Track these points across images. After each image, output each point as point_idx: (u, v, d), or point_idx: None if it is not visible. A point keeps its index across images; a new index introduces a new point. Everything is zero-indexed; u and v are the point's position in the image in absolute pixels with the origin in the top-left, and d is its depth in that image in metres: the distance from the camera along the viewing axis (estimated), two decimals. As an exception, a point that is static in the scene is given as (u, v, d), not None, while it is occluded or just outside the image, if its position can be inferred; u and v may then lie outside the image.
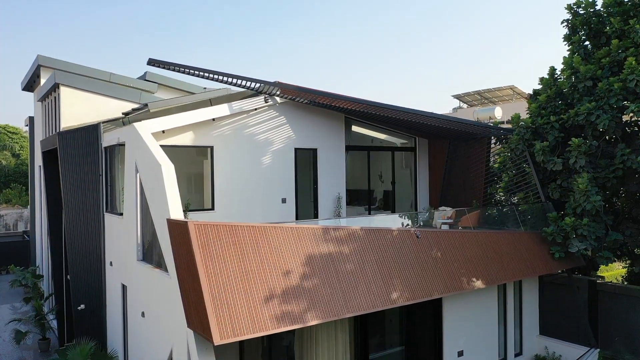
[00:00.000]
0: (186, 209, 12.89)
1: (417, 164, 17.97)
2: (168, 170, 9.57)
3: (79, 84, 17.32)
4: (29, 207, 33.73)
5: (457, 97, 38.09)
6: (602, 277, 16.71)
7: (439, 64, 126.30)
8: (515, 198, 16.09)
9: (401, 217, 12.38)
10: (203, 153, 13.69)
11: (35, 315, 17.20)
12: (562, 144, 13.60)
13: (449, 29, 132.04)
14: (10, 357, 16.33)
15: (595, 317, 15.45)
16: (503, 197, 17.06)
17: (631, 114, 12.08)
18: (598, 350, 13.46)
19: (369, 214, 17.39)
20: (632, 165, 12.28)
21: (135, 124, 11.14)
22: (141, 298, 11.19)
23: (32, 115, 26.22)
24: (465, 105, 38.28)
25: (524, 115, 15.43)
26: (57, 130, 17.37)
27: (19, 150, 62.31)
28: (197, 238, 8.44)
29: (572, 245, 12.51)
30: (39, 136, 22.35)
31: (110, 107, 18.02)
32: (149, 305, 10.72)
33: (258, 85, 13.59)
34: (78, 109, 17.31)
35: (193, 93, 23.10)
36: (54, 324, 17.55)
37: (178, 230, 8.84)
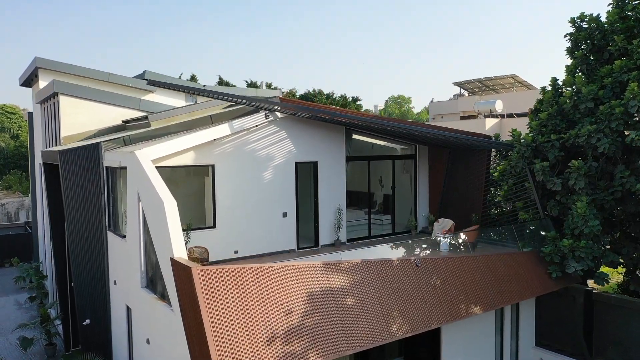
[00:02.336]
0: (188, 229, 13.04)
1: (417, 170, 18.03)
2: (171, 207, 9.64)
3: (78, 92, 17.23)
4: (29, 195, 33.88)
5: (458, 84, 37.86)
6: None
7: (441, 50, 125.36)
8: (515, 205, 16.18)
9: (402, 246, 12.50)
10: (204, 171, 13.74)
11: (40, 321, 17.51)
12: (562, 162, 13.66)
13: (452, 16, 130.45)
14: (18, 359, 16.71)
15: (590, 326, 15.75)
16: (502, 202, 17.14)
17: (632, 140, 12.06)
18: (592, 364, 13.79)
19: (369, 218, 17.53)
20: (630, 188, 12.37)
21: (137, 152, 11.15)
22: (146, 325, 11.41)
23: (31, 106, 26.15)
24: (466, 93, 38.06)
25: (525, 106, 15.35)
26: (58, 140, 17.38)
27: (17, 131, 62.11)
28: (200, 283, 8.60)
29: (570, 266, 12.70)
30: (38, 136, 22.30)
31: (110, 115, 18.01)
32: (154, 334, 10.95)
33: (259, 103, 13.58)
34: (78, 117, 17.29)
35: (192, 91, 22.98)
36: (60, 328, 17.85)
37: (182, 272, 8.98)
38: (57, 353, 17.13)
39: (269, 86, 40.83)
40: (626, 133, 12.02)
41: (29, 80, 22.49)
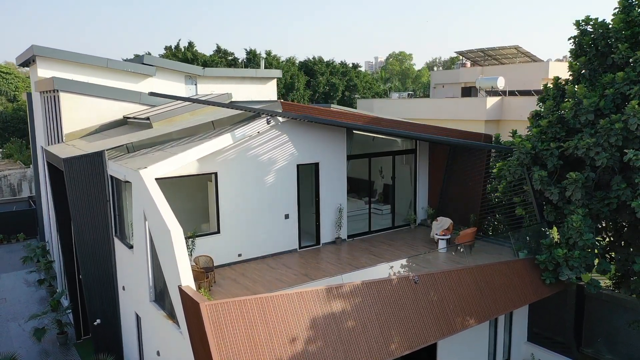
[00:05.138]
0: (192, 236, 13.38)
1: (418, 164, 18.20)
2: (177, 235, 9.92)
3: (78, 89, 17.18)
4: (31, 166, 34.05)
5: (461, 53, 37.31)
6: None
7: (444, 19, 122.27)
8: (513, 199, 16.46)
9: (404, 263, 12.89)
10: (207, 178, 13.93)
11: (51, 309, 18.14)
12: (561, 169, 13.84)
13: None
14: (31, 350, 17.43)
15: (580, 319, 16.40)
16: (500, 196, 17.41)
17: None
18: (580, 363, 14.48)
19: (369, 207, 17.84)
20: (626, 200, 12.61)
21: (141, 172, 11.30)
22: (155, 337, 11.93)
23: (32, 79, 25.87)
24: (468, 63, 37.58)
25: (528, 80, 15.17)
26: (60, 137, 17.45)
27: (15, 92, 61.47)
28: (209, 317, 8.99)
29: (563, 273, 13.11)
30: (39, 118, 22.25)
31: (110, 109, 18.00)
32: (163, 348, 11.47)
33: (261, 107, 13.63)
34: (79, 113, 17.32)
35: (191, 74, 22.82)
36: (70, 316, 18.49)
37: (190, 304, 9.36)
38: (68, 341, 17.87)
39: (268, 54, 40.25)
40: (625, 151, 12.12)
41: (27, 64, 22.27)
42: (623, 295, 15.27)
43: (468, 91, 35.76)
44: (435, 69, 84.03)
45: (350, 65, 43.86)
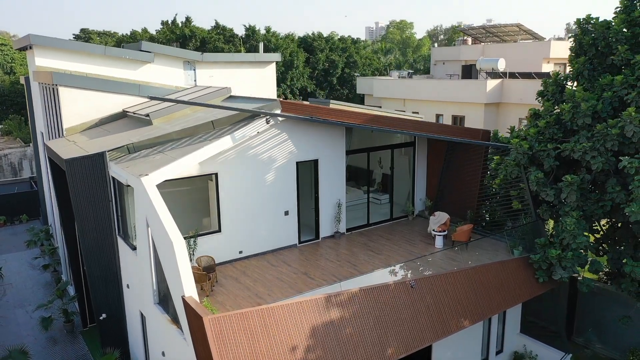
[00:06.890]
0: (194, 235, 13.66)
1: (416, 157, 18.32)
2: (180, 247, 10.17)
3: (78, 83, 17.17)
4: (31, 144, 34.10)
5: (462, 30, 36.87)
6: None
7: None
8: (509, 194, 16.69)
9: (401, 267, 13.18)
10: (208, 178, 14.09)
11: (57, 297, 18.60)
12: (557, 169, 14.01)
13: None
14: (39, 337, 17.96)
15: (573, 310, 16.88)
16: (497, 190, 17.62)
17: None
18: (571, 355, 14.97)
19: (368, 196, 18.07)
20: (620, 203, 12.83)
21: (143, 179, 11.45)
22: (160, 338, 12.33)
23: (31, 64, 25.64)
24: (469, 40, 37.16)
25: (530, 60, 15.07)
26: (60, 131, 17.51)
27: (10, 63, 60.86)
28: (211, 330, 9.33)
29: (556, 273, 13.45)
30: (37, 105, 22.21)
31: (110, 102, 18.04)
32: (168, 350, 11.88)
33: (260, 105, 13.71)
34: (78, 107, 17.36)
35: (189, 60, 22.69)
36: (76, 304, 18.95)
37: (194, 317, 9.69)
38: (75, 329, 18.39)
39: (267, 30, 39.72)
40: (620, 158, 12.26)
41: (24, 49, 22.11)
42: (614, 288, 15.69)
43: (468, 69, 35.47)
44: (436, 45, 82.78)
45: (350, 40, 43.35)
